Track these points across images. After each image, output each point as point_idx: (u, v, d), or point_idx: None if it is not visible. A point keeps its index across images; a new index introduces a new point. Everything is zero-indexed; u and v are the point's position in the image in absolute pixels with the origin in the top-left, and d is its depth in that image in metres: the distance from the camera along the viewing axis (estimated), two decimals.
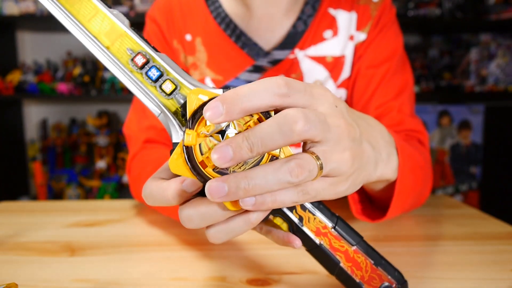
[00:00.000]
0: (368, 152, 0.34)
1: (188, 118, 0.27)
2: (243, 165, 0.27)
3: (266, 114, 0.27)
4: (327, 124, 0.27)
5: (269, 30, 0.66)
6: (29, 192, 2.11)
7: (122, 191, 1.95)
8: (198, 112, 0.27)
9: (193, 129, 0.27)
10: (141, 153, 0.61)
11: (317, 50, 0.65)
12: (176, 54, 0.68)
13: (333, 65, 0.65)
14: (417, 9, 1.86)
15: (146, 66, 0.30)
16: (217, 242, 0.29)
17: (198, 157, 0.27)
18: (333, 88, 0.66)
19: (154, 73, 0.30)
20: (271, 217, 0.32)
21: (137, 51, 0.30)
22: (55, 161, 2.05)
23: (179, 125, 0.29)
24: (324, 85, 0.65)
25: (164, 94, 0.30)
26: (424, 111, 1.91)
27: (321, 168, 0.27)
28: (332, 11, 0.66)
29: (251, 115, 0.27)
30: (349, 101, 0.69)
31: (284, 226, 0.32)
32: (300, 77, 0.65)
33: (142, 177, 0.56)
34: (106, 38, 0.30)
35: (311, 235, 0.32)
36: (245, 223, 0.28)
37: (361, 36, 0.65)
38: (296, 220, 0.31)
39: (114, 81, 1.85)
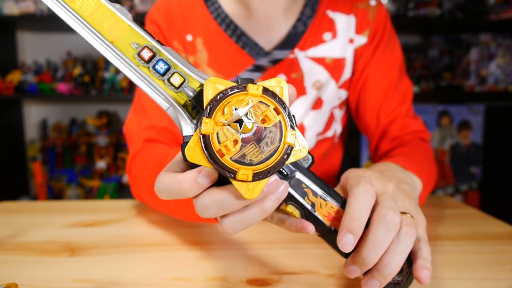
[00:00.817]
0: (406, 188, 0.42)
1: (205, 107, 0.27)
2: (260, 153, 0.27)
3: (282, 104, 0.28)
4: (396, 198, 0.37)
5: (268, 30, 0.66)
6: (29, 192, 2.11)
7: (122, 191, 1.95)
8: (216, 101, 0.27)
9: (210, 117, 0.27)
10: (141, 152, 0.61)
11: (317, 51, 0.66)
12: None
13: (334, 67, 0.67)
14: (417, 9, 1.86)
15: (153, 60, 0.29)
16: (232, 232, 0.29)
17: (216, 146, 0.27)
18: (335, 89, 0.68)
19: (161, 67, 0.29)
20: (283, 205, 0.33)
21: (143, 45, 0.29)
22: (55, 161, 2.05)
23: (189, 118, 0.29)
24: (327, 86, 0.67)
25: (173, 88, 0.29)
26: (424, 111, 1.90)
27: (412, 217, 0.35)
28: (330, 13, 0.67)
29: (267, 105, 0.27)
30: (351, 102, 0.70)
31: (297, 213, 0.33)
32: (300, 77, 0.66)
33: (143, 175, 0.56)
34: (110, 33, 0.29)
35: (324, 220, 0.33)
36: (260, 211, 0.28)
37: (362, 40, 0.67)
38: (308, 206, 0.33)
39: (114, 81, 1.85)
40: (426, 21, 1.87)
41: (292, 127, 0.28)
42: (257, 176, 0.27)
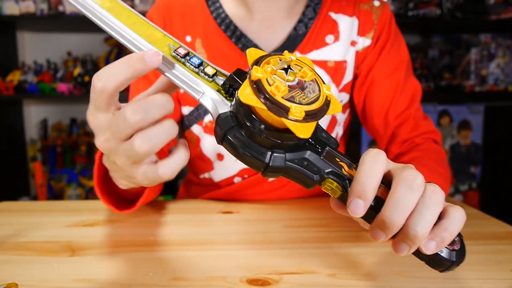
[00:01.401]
0: None
1: (251, 64, 0.30)
2: (306, 97, 0.29)
3: (311, 67, 0.31)
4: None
5: (269, 31, 0.66)
6: (29, 192, 2.11)
7: None
8: (261, 58, 0.30)
9: (259, 66, 0.29)
10: None
11: (319, 54, 0.65)
12: None
13: (335, 70, 0.66)
14: (417, 9, 1.85)
15: (187, 56, 0.33)
16: (143, 149, 0.31)
17: (267, 87, 0.28)
18: (335, 93, 0.67)
19: (196, 61, 0.32)
20: (323, 179, 0.31)
21: (178, 45, 0.33)
22: (55, 161, 2.05)
23: (223, 100, 0.31)
24: None
25: (208, 77, 0.32)
26: (424, 111, 1.89)
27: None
28: (333, 15, 0.66)
29: (301, 67, 0.30)
30: (357, 105, 0.69)
31: (335, 186, 0.31)
32: None
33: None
34: (150, 38, 0.33)
35: None
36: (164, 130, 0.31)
37: (365, 42, 0.66)
38: (347, 178, 0.31)
39: None
40: (426, 21, 1.87)
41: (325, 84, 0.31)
42: (308, 116, 0.28)
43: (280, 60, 0.30)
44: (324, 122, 0.68)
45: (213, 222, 0.57)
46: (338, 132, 0.71)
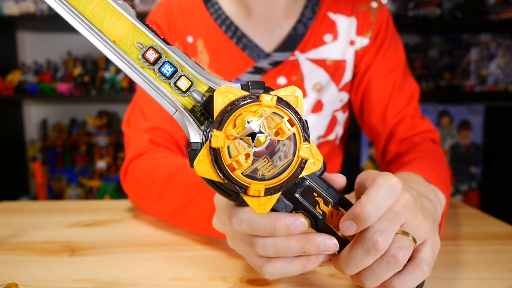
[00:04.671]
0: (426, 204, 0.39)
1: (215, 118, 0.26)
2: (272, 168, 0.26)
3: (296, 114, 0.27)
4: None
5: (269, 31, 0.66)
6: (29, 192, 2.11)
7: (122, 191, 1.95)
8: (226, 113, 0.26)
9: (221, 130, 0.25)
10: (145, 156, 0.59)
11: (317, 53, 0.66)
12: None
13: (334, 69, 0.66)
14: (417, 9, 1.85)
15: (158, 62, 0.27)
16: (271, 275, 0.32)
17: (226, 160, 0.26)
18: (335, 92, 0.67)
19: (167, 69, 0.27)
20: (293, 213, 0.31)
21: (147, 45, 0.27)
22: (55, 161, 2.05)
23: (197, 124, 0.28)
24: (327, 88, 0.67)
25: (180, 92, 0.28)
26: (424, 111, 1.90)
27: (414, 240, 0.31)
28: (331, 15, 0.67)
29: (282, 117, 0.26)
30: (354, 103, 0.70)
31: (307, 222, 0.31)
32: (301, 79, 0.66)
33: (150, 182, 0.54)
34: (112, 31, 0.27)
35: (335, 230, 0.31)
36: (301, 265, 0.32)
37: (364, 42, 0.67)
38: (319, 216, 0.31)
39: (114, 81, 1.85)
40: (426, 21, 1.87)
41: (307, 139, 0.27)
42: (269, 191, 0.26)
43: (253, 110, 0.26)
44: (324, 122, 0.68)
45: None
46: (338, 132, 0.71)
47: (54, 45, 2.07)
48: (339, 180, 0.32)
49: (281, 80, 0.65)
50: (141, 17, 0.29)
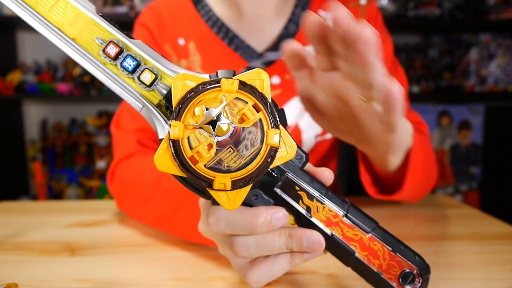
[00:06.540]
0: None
1: (174, 108, 0.24)
2: (238, 158, 0.24)
3: (263, 99, 0.25)
4: None
5: (260, 31, 0.66)
6: (29, 192, 2.11)
7: None
8: (185, 101, 0.24)
9: (179, 120, 0.24)
10: (132, 159, 0.57)
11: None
12: (168, 57, 0.68)
13: None
14: (417, 9, 1.85)
15: (120, 56, 0.26)
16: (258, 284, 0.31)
17: (187, 152, 0.24)
18: None
19: (130, 63, 0.26)
20: None
21: (108, 40, 0.26)
22: (55, 161, 2.05)
23: (164, 119, 0.26)
24: None
25: (144, 86, 0.26)
26: (424, 111, 1.90)
27: None
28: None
29: (246, 102, 0.25)
30: None
31: (291, 219, 0.29)
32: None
33: (137, 186, 0.52)
34: (71, 28, 0.26)
35: (322, 226, 0.29)
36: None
37: None
38: (303, 211, 0.29)
39: None
40: (426, 21, 1.87)
41: (276, 125, 0.25)
42: (237, 184, 0.24)
43: (213, 96, 0.24)
44: None
45: None
46: None
47: (54, 45, 2.06)
48: (325, 174, 0.30)
49: (275, 80, 0.65)
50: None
